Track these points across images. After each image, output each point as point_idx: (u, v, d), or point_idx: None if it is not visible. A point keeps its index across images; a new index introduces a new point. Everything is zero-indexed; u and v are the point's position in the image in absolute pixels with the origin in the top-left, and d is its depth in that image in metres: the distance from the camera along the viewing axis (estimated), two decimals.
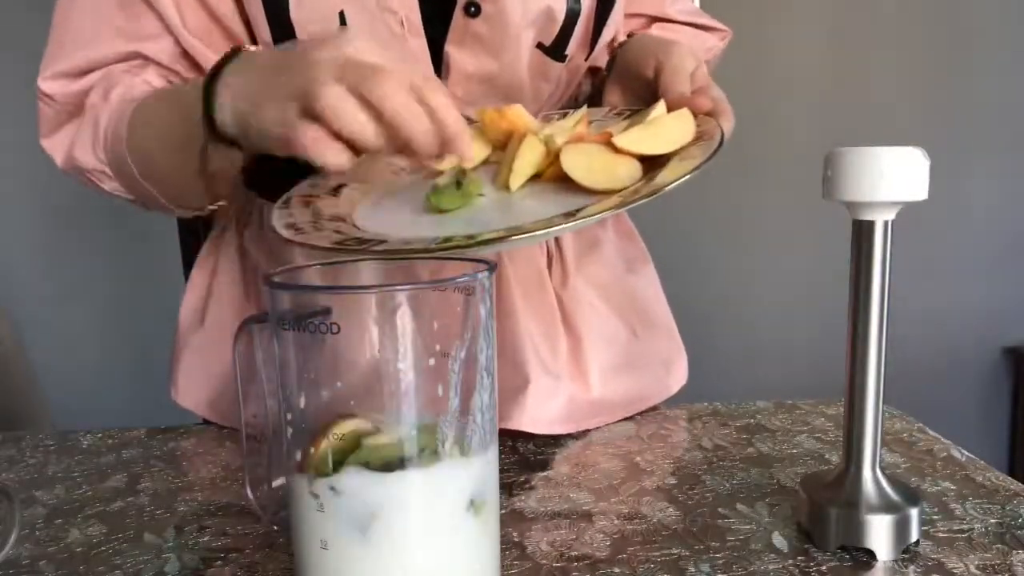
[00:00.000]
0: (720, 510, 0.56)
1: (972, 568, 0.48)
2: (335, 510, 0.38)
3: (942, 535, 0.52)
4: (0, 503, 0.53)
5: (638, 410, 0.77)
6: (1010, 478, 0.60)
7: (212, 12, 0.67)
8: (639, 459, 0.66)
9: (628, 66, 0.70)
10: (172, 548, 0.53)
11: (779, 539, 0.52)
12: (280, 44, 0.62)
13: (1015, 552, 0.49)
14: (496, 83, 0.70)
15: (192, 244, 0.98)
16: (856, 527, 0.49)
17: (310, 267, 0.44)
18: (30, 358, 1.75)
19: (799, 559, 0.49)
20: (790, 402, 0.77)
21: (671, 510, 0.56)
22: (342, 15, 0.63)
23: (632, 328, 0.80)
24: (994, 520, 0.53)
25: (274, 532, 0.54)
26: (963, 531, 0.52)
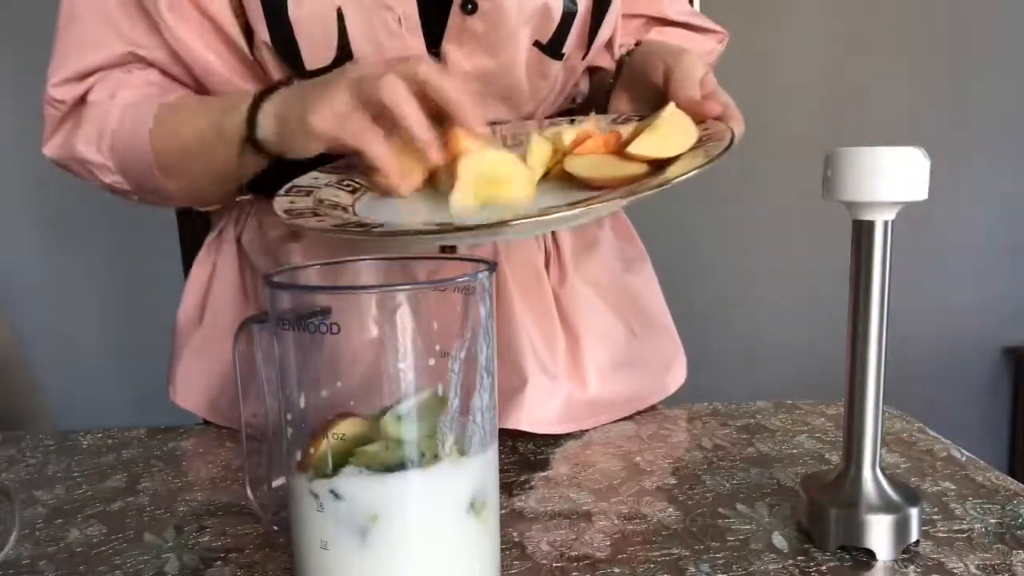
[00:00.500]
0: (720, 510, 0.56)
1: (972, 568, 0.48)
2: (335, 510, 0.38)
3: (942, 535, 0.52)
4: (0, 503, 0.53)
5: (636, 409, 0.77)
6: (1010, 478, 0.60)
7: (204, 10, 0.67)
8: (639, 459, 0.66)
9: (636, 72, 0.70)
10: (172, 548, 0.53)
11: (779, 539, 0.52)
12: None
13: (1015, 552, 0.49)
14: (494, 81, 0.70)
15: (192, 244, 0.99)
16: (856, 527, 0.49)
17: (310, 267, 0.44)
18: (30, 358, 1.75)
19: (799, 559, 0.49)
20: (790, 402, 0.77)
21: (671, 510, 0.56)
22: (340, 13, 0.63)
23: (630, 327, 0.80)
24: (994, 520, 0.53)
25: (274, 532, 0.54)
26: (963, 531, 0.52)
